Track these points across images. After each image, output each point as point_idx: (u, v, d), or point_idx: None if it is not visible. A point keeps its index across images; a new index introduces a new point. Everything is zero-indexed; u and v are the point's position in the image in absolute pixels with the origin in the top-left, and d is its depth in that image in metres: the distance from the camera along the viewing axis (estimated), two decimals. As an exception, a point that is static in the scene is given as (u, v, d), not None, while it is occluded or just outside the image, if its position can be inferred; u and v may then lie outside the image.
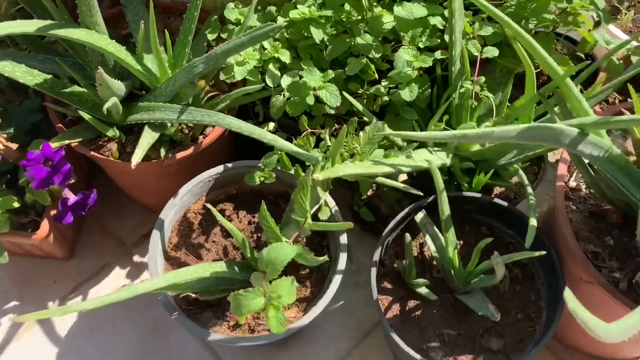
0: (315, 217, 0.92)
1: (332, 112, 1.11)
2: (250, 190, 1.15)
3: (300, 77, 1.02)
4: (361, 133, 0.93)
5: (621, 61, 1.22)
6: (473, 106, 1.01)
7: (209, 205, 0.95)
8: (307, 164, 0.94)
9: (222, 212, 1.14)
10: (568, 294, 0.52)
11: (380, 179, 0.94)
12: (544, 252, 0.90)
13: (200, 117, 0.98)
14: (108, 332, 1.24)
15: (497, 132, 0.75)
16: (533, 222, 0.95)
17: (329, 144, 0.97)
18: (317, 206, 0.86)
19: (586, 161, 0.95)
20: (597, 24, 1.34)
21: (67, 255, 1.31)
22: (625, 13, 1.76)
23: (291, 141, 1.05)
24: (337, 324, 1.25)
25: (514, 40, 0.84)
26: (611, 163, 0.84)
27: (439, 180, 0.89)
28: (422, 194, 0.98)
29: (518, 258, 0.91)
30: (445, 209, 0.94)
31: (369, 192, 1.34)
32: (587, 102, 0.85)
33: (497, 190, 1.17)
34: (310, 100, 1.02)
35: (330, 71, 1.00)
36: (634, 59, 1.20)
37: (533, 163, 1.17)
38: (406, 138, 0.89)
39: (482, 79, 1.00)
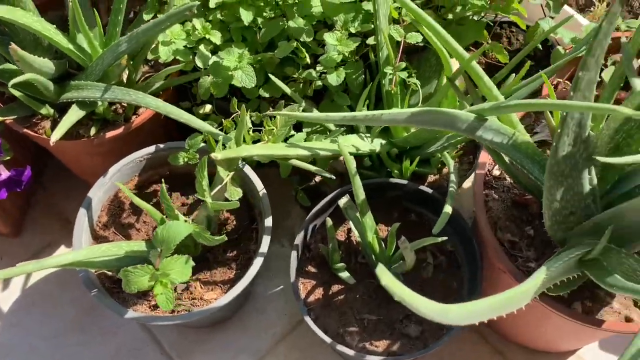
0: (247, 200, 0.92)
1: (267, 95, 1.11)
2: (185, 172, 1.15)
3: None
4: (277, 115, 0.93)
5: (567, 50, 1.21)
6: (393, 92, 1.00)
7: (122, 187, 0.95)
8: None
9: (154, 193, 1.14)
10: (380, 270, 0.51)
11: (294, 162, 0.94)
12: (445, 238, 0.90)
13: (121, 95, 0.99)
14: (48, 308, 1.26)
15: (385, 115, 0.74)
16: (448, 209, 0.94)
17: (249, 125, 0.97)
18: (219, 186, 0.86)
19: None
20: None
21: (13, 232, 1.32)
22: (599, 5, 1.74)
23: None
24: (276, 308, 1.25)
25: (419, 25, 0.83)
26: (517, 151, 0.83)
27: (350, 164, 0.89)
28: (334, 177, 0.98)
29: (425, 244, 0.91)
30: (359, 193, 0.94)
31: (317, 179, 1.34)
32: (497, 90, 0.84)
33: (432, 178, 1.16)
34: (237, 82, 1.02)
35: (246, 52, 1.00)
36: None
37: (468, 152, 1.16)
38: (298, 119, 0.88)
39: (402, 65, 0.99)
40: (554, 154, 0.75)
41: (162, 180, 0.88)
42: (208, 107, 1.13)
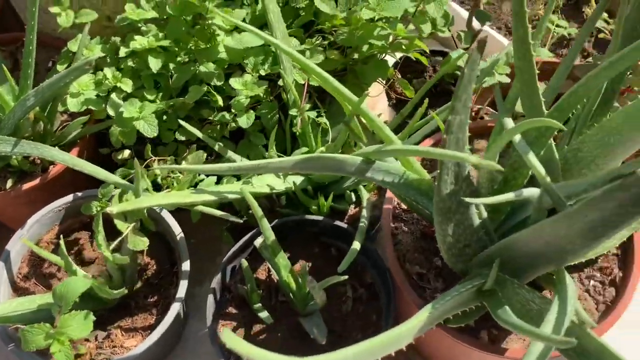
0: (164, 248, 0.93)
1: (183, 138, 1.13)
2: (106, 219, 1.15)
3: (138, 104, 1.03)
4: (184, 162, 0.94)
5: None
6: (299, 133, 1.02)
7: (28, 243, 0.95)
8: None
9: (76, 241, 1.15)
10: (226, 334, 0.53)
11: (201, 207, 0.95)
12: (346, 277, 0.91)
13: (29, 149, 0.99)
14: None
15: (272, 163, 0.76)
16: (356, 245, 0.96)
17: (158, 173, 0.98)
18: (120, 238, 0.87)
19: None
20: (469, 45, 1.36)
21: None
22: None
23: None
24: (207, 349, 1.25)
25: (307, 73, 0.86)
26: (410, 188, 0.86)
27: (255, 207, 0.91)
28: (241, 220, 0.99)
29: (330, 283, 0.92)
30: (268, 235, 0.96)
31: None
32: (388, 128, 0.87)
33: (352, 211, 1.18)
34: (141, 131, 1.03)
35: (147, 102, 1.02)
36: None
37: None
38: (183, 171, 0.90)
39: (307, 106, 1.01)
40: (438, 192, 0.78)
41: (61, 236, 0.89)
42: (127, 153, 1.14)
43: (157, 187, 1.04)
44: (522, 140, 0.73)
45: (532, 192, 0.72)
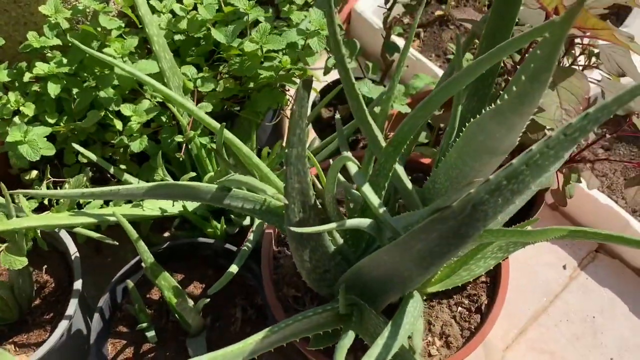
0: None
1: (85, 160, 1.17)
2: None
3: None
4: (66, 184, 0.98)
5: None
6: (181, 158, 1.06)
7: None
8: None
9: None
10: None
11: (79, 229, 0.98)
12: (208, 300, 0.94)
13: None
14: None
15: (122, 190, 0.80)
16: (233, 268, 0.99)
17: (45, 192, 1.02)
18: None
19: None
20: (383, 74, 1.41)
21: None
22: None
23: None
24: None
25: (169, 102, 0.90)
26: (272, 215, 0.90)
27: (130, 230, 0.94)
28: (117, 243, 1.02)
29: (201, 306, 0.96)
30: (146, 257, 0.99)
31: (167, 234, 1.38)
32: (256, 157, 0.90)
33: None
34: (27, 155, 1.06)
35: (30, 127, 1.05)
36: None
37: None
38: (37, 196, 0.94)
39: (191, 133, 1.05)
40: (288, 220, 0.81)
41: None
42: (34, 173, 1.17)
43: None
44: (359, 172, 0.77)
45: (358, 222, 0.75)
